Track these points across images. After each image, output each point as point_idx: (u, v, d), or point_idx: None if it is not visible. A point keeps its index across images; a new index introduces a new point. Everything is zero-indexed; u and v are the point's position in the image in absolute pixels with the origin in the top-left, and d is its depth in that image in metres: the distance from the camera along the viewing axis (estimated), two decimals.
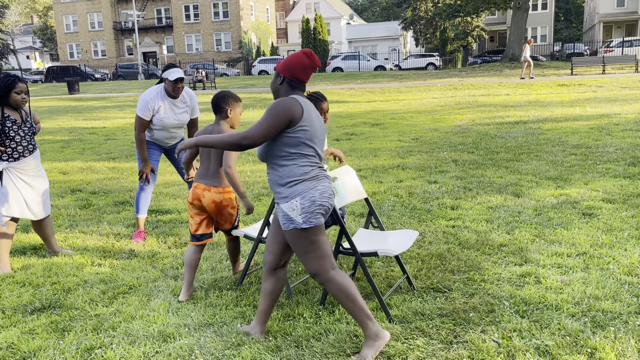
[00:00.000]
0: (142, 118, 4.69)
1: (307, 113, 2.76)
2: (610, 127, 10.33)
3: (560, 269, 3.88)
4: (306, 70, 2.82)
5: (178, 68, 4.66)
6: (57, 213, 6.06)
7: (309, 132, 2.75)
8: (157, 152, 4.99)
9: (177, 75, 4.59)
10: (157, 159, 4.98)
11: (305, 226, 2.72)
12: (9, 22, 61.25)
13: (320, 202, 2.74)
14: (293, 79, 2.81)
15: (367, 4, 76.19)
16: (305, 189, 2.72)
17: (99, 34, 52.48)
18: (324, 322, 3.23)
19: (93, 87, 33.32)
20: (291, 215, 2.72)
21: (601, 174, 6.75)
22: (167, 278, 4.02)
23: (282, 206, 2.76)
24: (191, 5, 49.47)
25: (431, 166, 7.71)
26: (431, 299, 3.47)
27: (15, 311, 3.55)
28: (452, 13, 37.67)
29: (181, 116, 4.84)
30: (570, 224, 4.88)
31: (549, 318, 3.16)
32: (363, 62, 39.19)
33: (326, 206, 2.78)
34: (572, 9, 60.22)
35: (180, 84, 4.67)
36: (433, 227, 4.97)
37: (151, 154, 4.93)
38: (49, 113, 19.23)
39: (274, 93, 2.88)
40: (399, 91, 21.03)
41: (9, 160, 4.20)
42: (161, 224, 5.47)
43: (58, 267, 4.31)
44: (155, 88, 4.74)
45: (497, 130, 10.78)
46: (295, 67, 2.81)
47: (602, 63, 23.86)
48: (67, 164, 9.27)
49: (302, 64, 2.81)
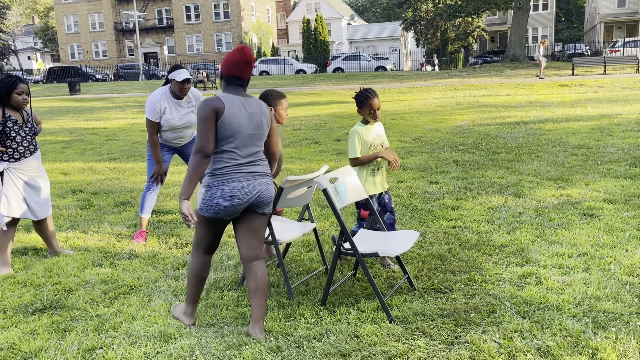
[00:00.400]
0: (151, 120, 4.72)
1: (229, 109, 2.90)
2: (611, 127, 10.33)
3: (562, 270, 3.87)
4: (239, 66, 2.95)
5: (184, 69, 4.69)
6: (58, 213, 6.06)
7: (229, 129, 2.91)
8: (169, 153, 5.00)
9: (185, 77, 4.64)
10: (168, 161, 4.99)
11: (200, 213, 3.00)
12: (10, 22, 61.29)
13: (217, 200, 2.92)
14: (228, 75, 2.98)
15: (368, 5, 76.20)
16: (212, 183, 2.94)
17: (100, 35, 52.52)
18: (325, 322, 3.23)
19: (94, 88, 33.34)
20: (198, 198, 3.01)
21: (602, 174, 6.74)
22: (168, 278, 4.02)
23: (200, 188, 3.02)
24: (192, 5, 49.50)
25: (432, 167, 7.70)
26: (432, 300, 3.47)
27: (16, 311, 3.56)
28: (452, 13, 37.66)
29: (186, 117, 4.85)
30: (572, 224, 4.87)
31: (550, 319, 3.15)
32: (364, 62, 39.19)
33: (223, 206, 2.93)
34: (573, 10, 60.20)
35: (187, 85, 4.71)
36: (434, 228, 4.96)
37: (163, 156, 4.93)
38: (50, 114, 19.24)
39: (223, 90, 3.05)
40: (400, 92, 21.03)
41: (10, 161, 4.20)
42: (162, 225, 5.47)
43: (59, 267, 4.31)
44: (160, 90, 4.77)
45: (498, 130, 10.78)
46: (230, 64, 2.96)
47: (603, 63, 23.84)
48: (68, 164, 9.28)
49: (235, 60, 2.95)
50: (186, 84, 4.70)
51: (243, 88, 3.03)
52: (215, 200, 2.91)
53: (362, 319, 3.25)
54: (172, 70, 4.71)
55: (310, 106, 17.63)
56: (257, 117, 3.01)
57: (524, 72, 25.96)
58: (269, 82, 29.95)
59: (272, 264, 4.25)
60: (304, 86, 26.06)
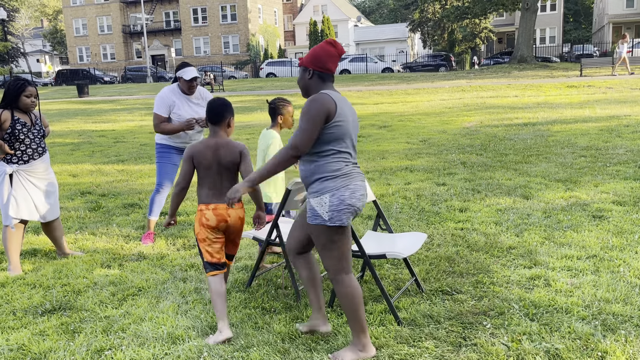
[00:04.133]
0: (158, 114, 4.77)
1: (341, 108, 2.70)
2: (620, 128, 10.26)
3: (570, 272, 3.85)
4: (333, 59, 2.77)
5: (192, 67, 4.75)
6: (67, 215, 6.10)
7: (343, 127, 2.70)
8: (178, 155, 5.00)
9: (193, 75, 4.69)
10: (176, 163, 4.99)
11: (330, 224, 2.68)
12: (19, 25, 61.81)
13: (350, 202, 2.69)
14: (322, 70, 2.77)
15: (375, 6, 76.16)
16: (336, 187, 2.68)
17: (108, 38, 52.84)
18: (333, 324, 3.23)
19: (102, 90, 33.54)
20: (318, 210, 2.69)
21: (611, 176, 6.70)
22: (176, 280, 4.04)
23: (311, 200, 2.73)
24: (199, 8, 49.69)
25: (439, 168, 7.68)
26: (440, 302, 3.46)
27: (26, 313, 3.58)
28: (459, 15, 37.57)
29: (198, 109, 4.88)
30: (580, 226, 4.85)
31: (559, 321, 3.14)
32: (370, 64, 39.17)
33: (356, 206, 2.73)
34: (581, 10, 59.86)
35: (195, 82, 4.76)
36: (441, 230, 4.95)
37: (171, 158, 4.94)
38: (59, 116, 19.37)
39: (304, 89, 2.82)
40: (407, 93, 21.00)
41: (19, 163, 4.23)
42: (170, 226, 5.48)
43: (68, 269, 4.34)
44: (169, 87, 4.82)
45: (506, 132, 10.73)
46: (323, 58, 2.76)
47: (612, 64, 23.67)
48: (77, 166, 9.34)
49: (329, 53, 2.76)
50: (194, 82, 4.75)
51: (332, 83, 2.85)
52: (348, 201, 2.68)
53: (370, 320, 3.25)
54: (179, 68, 4.76)
55: None
56: (355, 115, 2.86)
57: (531, 73, 25.84)
58: (276, 84, 29.99)
59: (280, 266, 4.25)
60: None
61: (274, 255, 4.58)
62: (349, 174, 2.72)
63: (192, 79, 4.70)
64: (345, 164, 2.73)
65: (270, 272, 4.14)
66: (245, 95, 24.10)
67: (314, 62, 2.76)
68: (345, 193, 2.68)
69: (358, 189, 2.74)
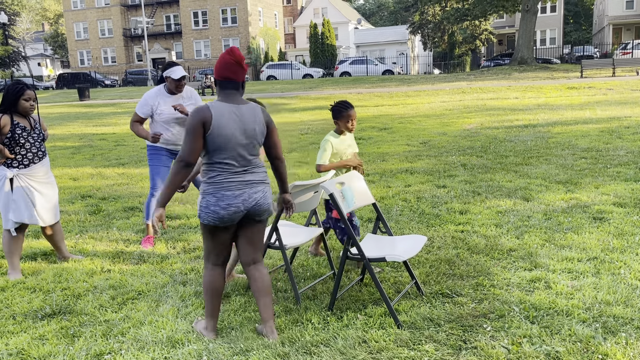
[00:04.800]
0: (136, 113, 4.84)
1: (218, 120, 2.86)
2: (620, 130, 10.25)
3: (571, 274, 3.84)
4: (230, 68, 2.92)
5: (179, 66, 4.78)
6: (67, 219, 6.10)
7: (218, 140, 2.88)
8: (169, 158, 5.00)
9: (181, 74, 4.74)
10: (167, 165, 5.00)
11: (200, 221, 3.00)
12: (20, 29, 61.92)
13: (213, 208, 2.92)
14: (221, 79, 2.95)
15: (375, 9, 76.26)
16: (207, 192, 2.95)
17: (109, 41, 52.92)
18: (333, 327, 3.22)
19: (103, 94, 33.59)
20: (197, 205, 3.03)
21: (612, 177, 6.69)
22: (175, 284, 4.04)
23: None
24: (200, 11, 49.77)
25: (440, 170, 7.68)
26: (440, 305, 3.45)
27: (25, 317, 3.58)
28: (460, 17, 37.59)
29: (186, 108, 4.89)
30: (581, 228, 4.84)
31: (560, 324, 3.13)
32: (371, 66, 39.19)
33: (219, 214, 2.92)
34: (581, 12, 59.89)
35: (183, 82, 4.78)
36: (442, 232, 4.94)
37: (161, 160, 4.94)
38: (60, 119, 19.40)
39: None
40: (407, 95, 21.00)
41: (19, 167, 4.24)
42: (170, 230, 5.49)
43: (68, 272, 4.34)
44: (155, 88, 4.85)
45: (506, 134, 10.73)
46: (221, 67, 2.94)
47: (612, 65, 23.68)
48: (78, 169, 9.35)
49: (225, 62, 2.93)
50: (182, 81, 4.78)
51: (238, 92, 2.97)
52: (212, 207, 2.91)
53: (370, 324, 3.24)
54: (167, 67, 4.75)
55: (318, 110, 17.65)
56: (250, 126, 2.94)
57: (532, 75, 25.84)
58: (276, 87, 30.02)
59: (280, 269, 4.25)
60: (311, 90, 26.10)
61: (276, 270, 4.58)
62: (221, 183, 2.93)
63: (181, 78, 4.74)
64: (221, 173, 2.94)
65: (270, 275, 4.13)
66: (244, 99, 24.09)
67: (215, 70, 2.98)
68: (211, 199, 2.93)
69: (225, 198, 2.92)
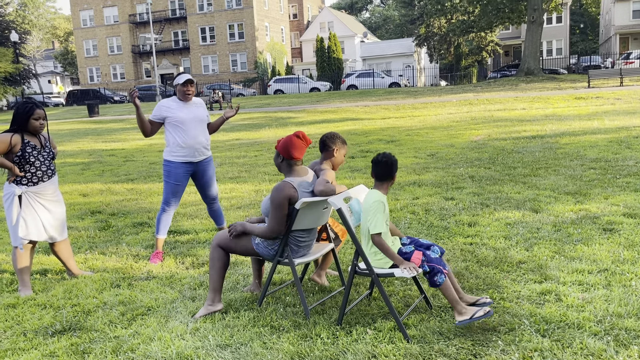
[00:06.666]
0: (150, 118, 4.96)
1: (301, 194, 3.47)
2: (629, 140, 10.19)
3: (582, 286, 3.81)
4: (301, 150, 3.50)
5: (185, 73, 4.90)
6: (77, 235, 6.15)
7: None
8: (185, 175, 5.02)
9: (185, 78, 4.84)
10: (183, 182, 5.02)
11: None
12: (31, 47, 62.87)
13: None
14: (290, 158, 3.53)
15: (381, 22, 76.68)
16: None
17: (117, 58, 53.57)
18: (342, 342, 3.21)
19: (112, 110, 33.92)
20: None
21: (621, 188, 6.64)
22: (185, 299, 4.04)
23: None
24: (207, 27, 50.31)
25: (448, 182, 7.67)
26: (450, 318, 3.43)
27: (36, 334, 3.60)
28: (465, 29, 37.73)
29: (197, 111, 4.99)
30: (591, 239, 4.80)
31: (571, 337, 3.10)
32: (377, 79, 39.33)
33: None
34: (587, 22, 59.87)
35: (189, 86, 4.86)
36: (450, 245, 4.92)
37: (178, 177, 4.97)
38: (70, 136, 19.60)
39: (277, 168, 3.63)
40: (414, 107, 21.03)
41: (28, 185, 4.28)
42: (179, 245, 5.51)
43: (78, 289, 4.36)
44: (169, 98, 5.03)
45: (514, 145, 10.70)
46: (292, 148, 3.49)
47: (620, 75, 23.62)
48: (87, 185, 9.42)
49: (297, 146, 3.50)
50: (188, 85, 4.87)
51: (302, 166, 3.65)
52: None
53: (379, 338, 3.23)
54: (174, 78, 4.95)
55: (325, 123, 17.71)
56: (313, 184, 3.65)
57: (539, 86, 25.82)
58: (284, 101, 30.18)
59: (290, 283, 4.25)
60: (319, 104, 26.21)
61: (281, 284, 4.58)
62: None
63: (186, 82, 4.85)
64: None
65: (280, 291, 4.13)
66: (253, 113, 24.26)
67: (284, 151, 3.52)
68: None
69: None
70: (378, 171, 3.32)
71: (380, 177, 3.33)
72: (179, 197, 5.06)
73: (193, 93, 4.95)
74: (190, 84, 4.87)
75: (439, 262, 3.25)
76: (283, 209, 3.43)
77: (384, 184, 3.36)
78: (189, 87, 4.87)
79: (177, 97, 4.96)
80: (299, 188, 3.46)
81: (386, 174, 3.32)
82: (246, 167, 10.51)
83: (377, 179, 3.36)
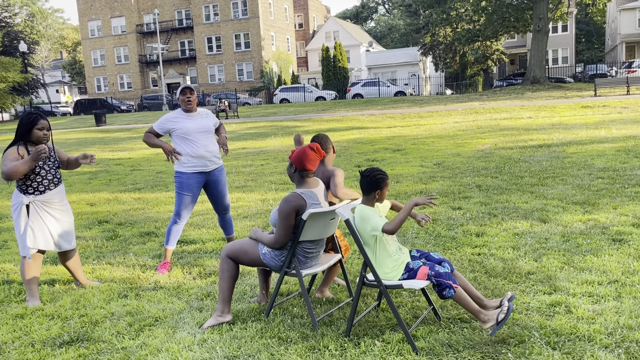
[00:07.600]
0: (153, 128, 5.00)
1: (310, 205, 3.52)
2: (637, 149, 10.14)
3: (592, 298, 3.77)
4: (315, 162, 3.56)
5: (186, 83, 4.96)
6: (84, 244, 6.16)
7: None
8: (197, 186, 5.03)
9: (183, 86, 4.91)
10: (196, 193, 5.04)
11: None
12: (39, 57, 63.48)
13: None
14: (302, 169, 3.59)
15: (386, 31, 76.94)
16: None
17: (125, 67, 53.98)
18: (350, 354, 3.19)
19: (119, 119, 34.12)
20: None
21: (630, 197, 6.60)
22: (192, 310, 4.04)
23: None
24: (214, 37, 50.65)
25: (454, 192, 7.64)
26: (458, 330, 3.41)
27: (44, 344, 3.60)
28: (471, 38, 37.77)
29: (203, 121, 5.02)
30: (600, 250, 4.76)
31: (582, 350, 3.07)
32: (383, 88, 39.40)
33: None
34: (593, 30, 59.82)
35: (188, 93, 4.93)
36: (458, 255, 4.90)
37: (191, 188, 4.98)
38: (78, 145, 19.71)
39: (289, 177, 3.69)
40: (420, 116, 21.03)
41: (35, 194, 4.31)
42: (186, 255, 5.51)
43: (86, 299, 4.37)
44: (174, 111, 5.07)
45: (521, 154, 10.67)
46: (306, 161, 3.55)
47: (627, 84, 23.55)
48: (95, 195, 9.46)
49: (311, 159, 3.56)
50: (187, 92, 4.91)
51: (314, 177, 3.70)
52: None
53: (387, 350, 3.21)
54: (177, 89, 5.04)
55: (330, 132, 17.73)
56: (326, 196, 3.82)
57: (545, 94, 25.77)
58: (290, 110, 30.27)
59: (298, 294, 4.23)
60: (324, 113, 26.27)
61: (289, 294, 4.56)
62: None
63: (184, 90, 4.90)
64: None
65: (287, 302, 4.12)
66: (259, 122, 24.34)
67: (298, 163, 3.57)
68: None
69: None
70: (362, 185, 3.44)
71: (365, 191, 3.43)
72: (191, 208, 5.07)
73: (195, 101, 4.98)
74: (189, 91, 4.91)
75: (448, 277, 3.24)
76: (290, 220, 3.50)
77: (370, 198, 3.44)
78: (187, 95, 4.91)
79: (182, 109, 5.00)
80: (308, 200, 3.53)
81: (370, 189, 3.40)
82: (252, 176, 10.52)
83: (363, 192, 3.46)
